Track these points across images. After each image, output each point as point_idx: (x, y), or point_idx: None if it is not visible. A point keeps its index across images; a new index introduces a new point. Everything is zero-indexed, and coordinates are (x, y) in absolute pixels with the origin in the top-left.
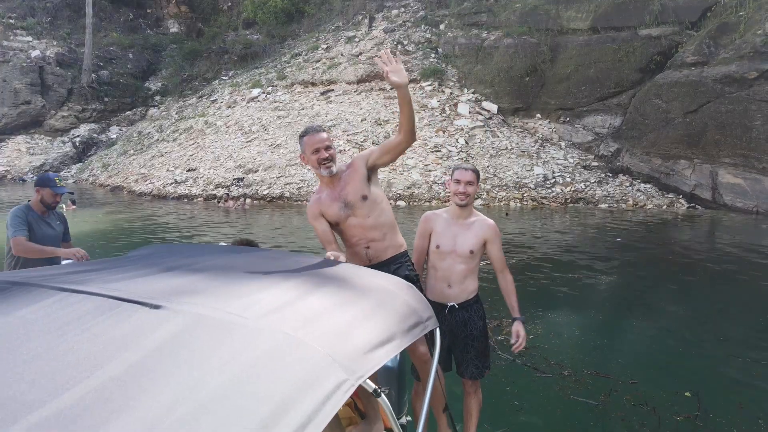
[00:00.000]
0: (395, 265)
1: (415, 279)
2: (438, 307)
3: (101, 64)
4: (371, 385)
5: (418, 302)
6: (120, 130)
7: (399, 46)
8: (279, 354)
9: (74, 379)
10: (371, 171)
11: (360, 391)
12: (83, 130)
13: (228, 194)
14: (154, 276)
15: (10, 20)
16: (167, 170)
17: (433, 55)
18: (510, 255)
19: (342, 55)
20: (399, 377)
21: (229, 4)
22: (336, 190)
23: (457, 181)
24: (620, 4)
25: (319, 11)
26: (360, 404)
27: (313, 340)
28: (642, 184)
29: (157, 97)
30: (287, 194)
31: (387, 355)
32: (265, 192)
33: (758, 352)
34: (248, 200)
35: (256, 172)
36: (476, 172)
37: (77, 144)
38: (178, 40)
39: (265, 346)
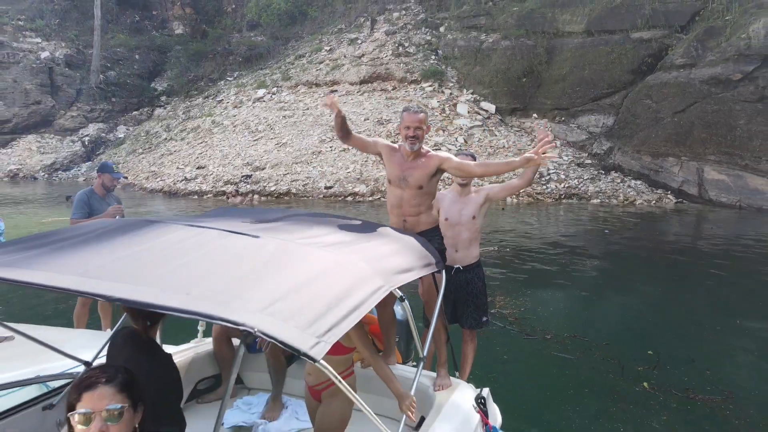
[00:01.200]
0: (428, 237)
1: (443, 251)
2: (446, 269)
3: (109, 65)
4: (398, 293)
5: (430, 251)
6: (127, 129)
7: (400, 48)
8: (340, 266)
9: (220, 271)
10: (440, 171)
11: (381, 333)
12: (92, 129)
13: (236, 190)
14: (244, 220)
15: (20, 22)
16: (177, 168)
17: (433, 57)
18: (505, 245)
19: (345, 56)
20: (407, 330)
21: (233, 6)
22: (408, 162)
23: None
24: (613, 8)
25: (321, 13)
26: (379, 345)
27: (361, 260)
28: (633, 181)
29: (163, 97)
30: (293, 190)
31: (409, 278)
32: (273, 188)
33: (717, 320)
34: (256, 196)
35: (263, 169)
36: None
37: (86, 143)
38: (183, 42)
39: (330, 262)
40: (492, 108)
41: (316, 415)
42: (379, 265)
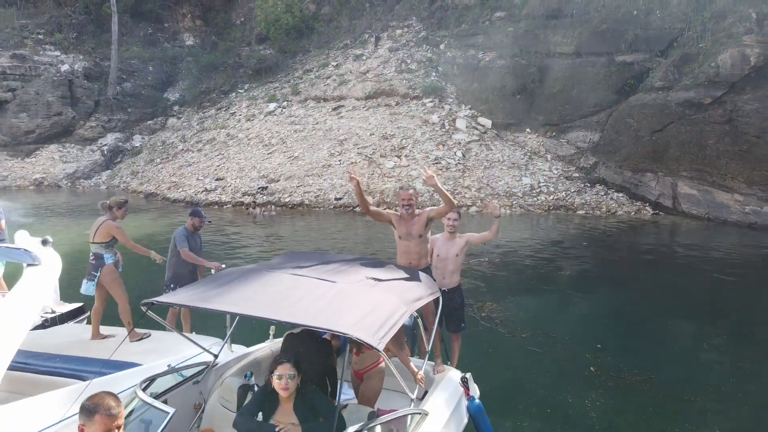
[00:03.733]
0: (425, 272)
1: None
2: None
3: (124, 76)
4: (415, 313)
5: (432, 283)
6: (143, 138)
7: (403, 65)
8: (384, 301)
9: (322, 304)
10: (429, 221)
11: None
12: (110, 139)
13: (254, 201)
14: (317, 265)
15: (39, 36)
16: (197, 179)
17: (433, 74)
18: (495, 255)
19: (350, 72)
20: (414, 335)
21: (242, 19)
22: (409, 222)
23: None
24: (600, 32)
25: (327, 28)
26: (392, 350)
27: (394, 296)
28: (615, 193)
29: (176, 107)
30: (306, 201)
31: (422, 303)
32: (287, 199)
33: (656, 317)
34: (273, 207)
35: (277, 181)
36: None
37: (105, 152)
38: (194, 53)
39: (378, 298)
40: (488, 123)
41: (359, 390)
42: (404, 297)
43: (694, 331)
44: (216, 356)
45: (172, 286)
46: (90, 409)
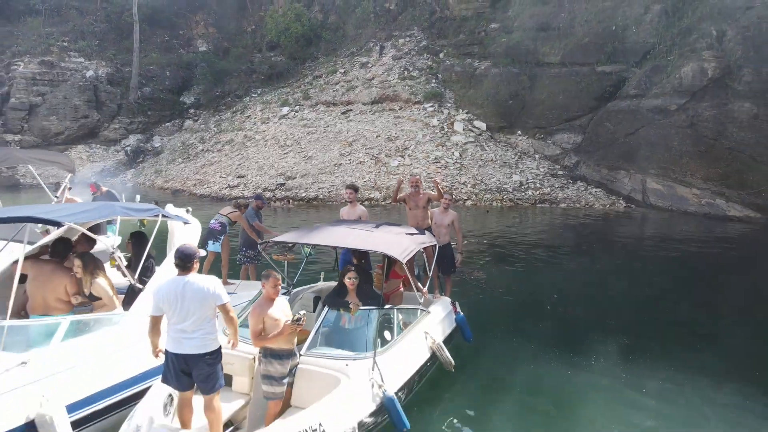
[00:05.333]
0: (426, 230)
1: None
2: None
3: (144, 81)
4: (420, 250)
5: (431, 236)
6: (161, 139)
7: (405, 72)
8: (405, 241)
9: (371, 239)
10: (429, 200)
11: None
12: (132, 140)
13: (274, 196)
14: (359, 224)
15: (64, 43)
16: (220, 177)
17: (434, 81)
18: (484, 238)
19: (357, 78)
20: (419, 276)
21: (253, 27)
22: (417, 198)
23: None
24: (583, 45)
25: (334, 36)
26: (407, 283)
27: (409, 240)
28: (593, 189)
29: (192, 110)
30: (321, 196)
31: (424, 245)
32: (303, 195)
33: (600, 282)
34: (291, 201)
35: (294, 178)
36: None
37: (128, 152)
38: (208, 58)
39: (402, 239)
40: (483, 126)
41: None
42: (415, 240)
43: (637, 287)
44: (293, 284)
45: (244, 249)
46: (266, 275)
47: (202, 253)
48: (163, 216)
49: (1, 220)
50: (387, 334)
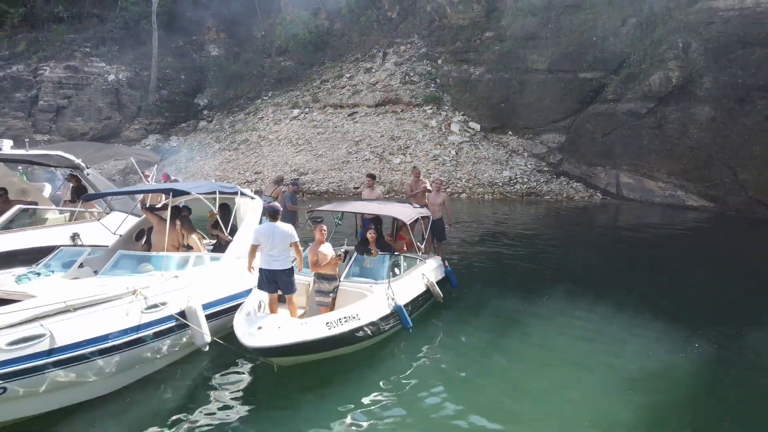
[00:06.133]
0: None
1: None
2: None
3: (161, 84)
4: (420, 219)
5: (426, 210)
6: (178, 139)
7: (406, 77)
8: (409, 211)
9: (383, 209)
10: (426, 189)
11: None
12: (151, 139)
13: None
14: (374, 199)
15: (86, 49)
16: (238, 173)
17: (432, 85)
18: (473, 223)
19: (362, 83)
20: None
21: (263, 33)
22: (417, 184)
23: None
24: (567, 53)
25: (339, 42)
26: (410, 247)
27: (412, 210)
28: (574, 183)
29: (205, 111)
30: (331, 190)
31: (422, 215)
32: (315, 189)
33: (570, 260)
34: (303, 194)
35: (306, 174)
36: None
37: (149, 151)
38: (219, 63)
39: (406, 209)
40: (477, 127)
41: None
42: (415, 211)
43: (600, 258)
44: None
45: None
46: (317, 226)
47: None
48: (241, 193)
49: (151, 191)
50: (396, 271)
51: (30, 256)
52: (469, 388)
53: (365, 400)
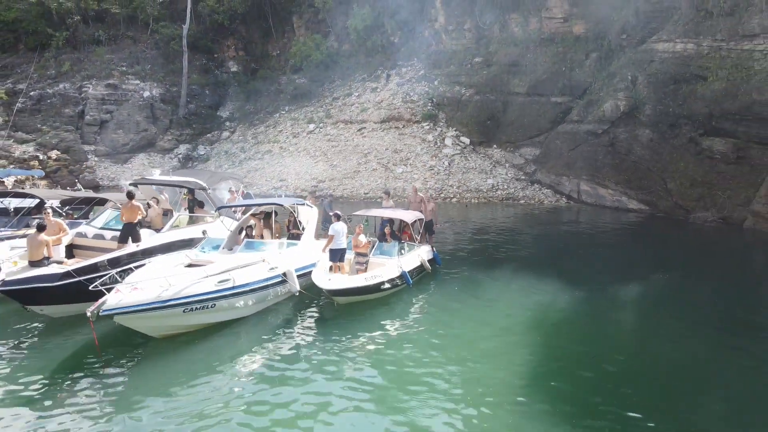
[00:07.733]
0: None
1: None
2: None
3: (189, 99)
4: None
5: (420, 214)
6: (205, 148)
7: (407, 96)
8: (411, 215)
9: (388, 212)
10: (422, 200)
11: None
12: (182, 149)
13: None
14: (384, 206)
15: (123, 68)
16: (265, 180)
17: (429, 104)
18: (458, 222)
19: (369, 101)
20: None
21: (278, 51)
22: (415, 196)
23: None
24: (542, 80)
25: (348, 62)
26: (409, 238)
27: (412, 215)
28: (545, 189)
29: (227, 123)
30: (345, 195)
31: (418, 217)
32: (332, 194)
33: (534, 254)
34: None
35: (324, 182)
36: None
37: (180, 159)
38: (238, 79)
39: (408, 213)
40: (467, 141)
41: None
42: (415, 215)
43: (557, 245)
44: None
45: (325, 224)
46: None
47: (340, 214)
48: (306, 204)
49: (261, 204)
50: (402, 252)
51: (183, 243)
52: (442, 325)
53: (387, 326)
